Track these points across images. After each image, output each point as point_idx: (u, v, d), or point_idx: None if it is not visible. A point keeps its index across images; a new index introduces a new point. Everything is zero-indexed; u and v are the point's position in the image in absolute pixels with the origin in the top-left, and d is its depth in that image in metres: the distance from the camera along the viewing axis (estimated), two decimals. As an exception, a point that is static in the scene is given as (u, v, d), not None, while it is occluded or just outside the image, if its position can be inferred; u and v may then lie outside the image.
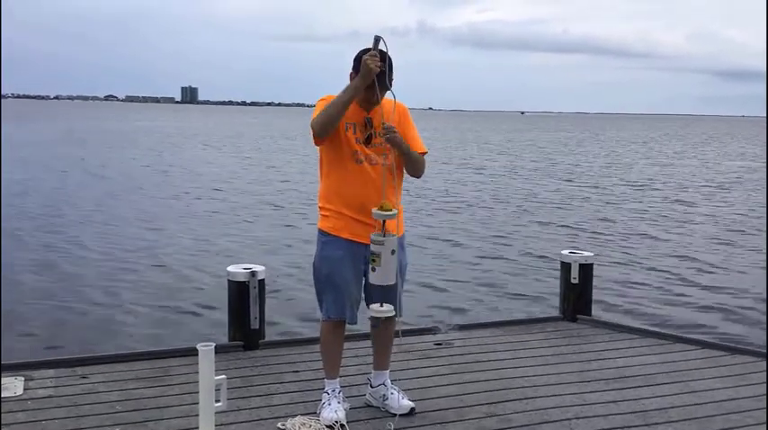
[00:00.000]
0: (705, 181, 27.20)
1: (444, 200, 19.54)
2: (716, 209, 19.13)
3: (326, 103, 3.62)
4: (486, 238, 14.10)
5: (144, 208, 17.18)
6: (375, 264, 3.54)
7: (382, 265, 3.53)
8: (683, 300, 9.68)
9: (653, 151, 49.51)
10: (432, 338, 5.33)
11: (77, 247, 12.36)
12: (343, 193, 3.74)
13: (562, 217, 17.09)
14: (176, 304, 9.02)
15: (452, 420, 3.87)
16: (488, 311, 8.87)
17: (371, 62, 3.42)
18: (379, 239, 3.52)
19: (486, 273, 11.11)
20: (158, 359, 4.77)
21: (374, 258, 3.54)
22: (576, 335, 5.53)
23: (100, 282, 10.01)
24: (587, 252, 5.99)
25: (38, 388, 4.22)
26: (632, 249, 13.14)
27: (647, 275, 11.09)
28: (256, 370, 4.61)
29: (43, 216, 15.50)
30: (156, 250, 12.27)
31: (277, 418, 3.82)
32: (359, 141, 3.69)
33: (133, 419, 3.82)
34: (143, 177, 23.97)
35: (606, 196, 21.65)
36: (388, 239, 3.52)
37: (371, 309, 3.68)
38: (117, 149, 36.95)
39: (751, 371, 4.74)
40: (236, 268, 4.99)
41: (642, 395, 4.29)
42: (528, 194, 21.73)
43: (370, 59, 3.43)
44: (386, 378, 4.03)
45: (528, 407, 4.08)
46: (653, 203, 20.07)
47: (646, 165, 34.68)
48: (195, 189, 21.25)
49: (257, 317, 4.95)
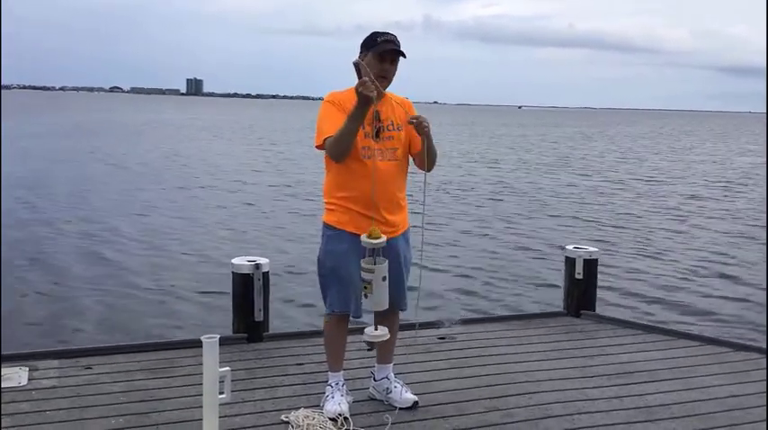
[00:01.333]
0: (715, 177, 27.17)
1: (452, 193, 19.57)
2: (724, 205, 19.10)
3: (334, 112, 3.62)
4: (491, 232, 14.10)
5: (153, 199, 17.23)
6: (367, 291, 3.50)
7: (374, 292, 3.50)
8: (686, 296, 9.69)
9: (662, 146, 49.44)
10: (435, 332, 5.32)
11: (83, 240, 12.39)
12: (349, 188, 3.72)
13: (568, 211, 17.10)
14: (181, 295, 9.04)
15: (455, 414, 3.88)
16: (492, 306, 8.88)
17: (365, 90, 3.39)
18: (369, 267, 3.48)
19: (490, 267, 11.12)
20: (162, 350, 4.78)
21: (365, 285, 3.50)
22: (580, 330, 5.52)
23: (104, 273, 10.04)
24: (592, 247, 5.98)
25: (42, 378, 4.23)
26: (637, 244, 13.13)
27: (651, 271, 11.08)
28: (260, 362, 4.62)
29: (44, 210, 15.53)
30: (162, 241, 12.30)
31: (281, 411, 3.83)
32: (368, 136, 3.67)
33: (137, 410, 3.83)
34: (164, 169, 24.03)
35: (613, 191, 21.63)
36: (378, 267, 3.49)
37: (366, 333, 3.61)
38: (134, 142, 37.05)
39: (754, 367, 4.73)
40: (241, 260, 5.00)
41: (645, 391, 4.29)
42: (535, 188, 21.73)
43: (363, 88, 3.39)
44: (389, 371, 4.03)
45: (530, 401, 4.08)
46: (659, 199, 20.05)
47: (656, 161, 34.63)
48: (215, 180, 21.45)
49: (261, 309, 4.95)
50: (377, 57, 3.59)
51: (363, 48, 3.65)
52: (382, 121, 3.71)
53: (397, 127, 3.75)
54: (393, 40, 3.62)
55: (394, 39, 3.63)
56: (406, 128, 3.75)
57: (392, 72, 3.66)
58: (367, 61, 3.58)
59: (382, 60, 3.60)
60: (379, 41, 3.60)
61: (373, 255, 3.51)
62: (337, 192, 3.77)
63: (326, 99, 3.74)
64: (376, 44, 3.60)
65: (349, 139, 3.56)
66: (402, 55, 3.63)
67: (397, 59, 3.65)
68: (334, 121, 3.59)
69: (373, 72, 3.51)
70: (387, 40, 3.61)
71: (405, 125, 3.75)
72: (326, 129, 3.62)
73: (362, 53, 3.64)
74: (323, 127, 3.64)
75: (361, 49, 3.65)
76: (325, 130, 3.62)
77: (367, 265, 3.49)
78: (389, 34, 3.64)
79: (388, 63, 3.62)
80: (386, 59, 3.61)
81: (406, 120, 3.74)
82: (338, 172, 3.74)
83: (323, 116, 3.68)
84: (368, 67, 3.52)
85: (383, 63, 3.60)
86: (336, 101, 3.68)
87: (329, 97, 3.73)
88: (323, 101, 3.76)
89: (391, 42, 3.61)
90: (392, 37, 3.63)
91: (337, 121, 3.58)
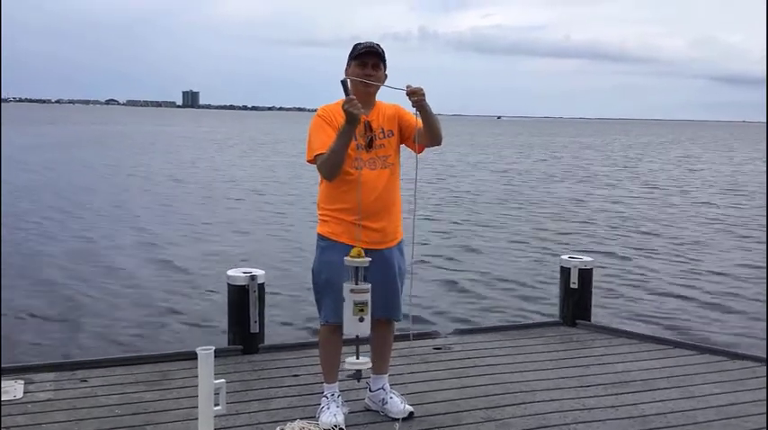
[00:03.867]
0: (713, 184, 27.24)
1: (447, 201, 19.62)
2: (721, 213, 19.13)
3: (324, 127, 3.68)
4: (486, 242, 14.11)
5: (150, 209, 17.24)
6: (363, 314, 3.49)
7: (369, 314, 3.50)
8: (682, 306, 9.68)
9: (660, 154, 49.60)
10: (431, 343, 5.33)
11: (78, 250, 12.37)
12: (342, 199, 3.75)
13: (564, 220, 17.11)
14: (176, 308, 9.03)
15: (451, 424, 3.87)
16: (488, 316, 8.88)
17: (353, 108, 3.45)
18: (363, 288, 3.48)
19: (485, 277, 11.12)
20: (158, 363, 4.77)
21: (362, 308, 3.49)
22: (576, 340, 5.53)
23: (100, 285, 10.02)
24: (587, 257, 6.00)
25: (38, 391, 4.22)
26: (633, 254, 13.14)
27: (647, 280, 11.09)
28: (255, 374, 4.61)
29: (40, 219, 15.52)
30: (158, 253, 12.28)
31: (276, 422, 3.82)
32: (360, 147, 3.70)
33: (132, 423, 3.82)
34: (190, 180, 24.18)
35: (610, 199, 21.68)
36: (368, 286, 3.51)
37: (348, 362, 3.59)
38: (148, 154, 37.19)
39: (750, 376, 4.74)
40: (236, 272, 5.00)
41: (641, 400, 4.29)
42: (533, 197, 21.77)
43: (350, 106, 3.45)
44: (385, 382, 4.03)
45: (527, 411, 4.08)
46: (655, 206, 20.09)
47: (652, 170, 34.71)
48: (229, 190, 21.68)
49: (257, 321, 4.95)
50: (358, 64, 3.69)
51: (348, 60, 3.75)
52: (374, 131, 3.74)
53: (388, 133, 3.80)
54: (371, 45, 3.71)
55: (372, 44, 3.72)
56: (396, 128, 3.81)
57: (378, 78, 3.70)
58: (351, 71, 3.69)
59: (364, 66, 3.68)
60: (359, 49, 3.70)
61: (357, 277, 3.50)
62: (330, 203, 3.80)
63: (317, 113, 3.80)
64: (356, 52, 3.70)
65: (339, 158, 3.61)
66: (381, 58, 3.70)
67: (379, 64, 3.71)
68: (324, 137, 3.66)
69: (358, 78, 3.64)
70: (364, 46, 3.70)
71: (395, 127, 3.81)
72: (317, 146, 3.67)
73: (348, 67, 3.75)
74: (313, 143, 3.70)
75: (347, 63, 3.75)
76: (316, 147, 3.68)
77: (360, 287, 3.48)
78: (369, 42, 3.73)
79: (369, 68, 3.68)
80: (367, 65, 3.68)
81: (396, 120, 3.80)
82: (331, 184, 3.76)
83: (313, 131, 3.74)
84: (353, 75, 3.66)
85: (365, 68, 3.68)
86: (326, 115, 3.74)
87: (320, 111, 3.80)
88: (314, 115, 3.80)
89: (369, 47, 3.69)
90: (371, 43, 3.72)
91: (326, 137, 3.65)
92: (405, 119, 3.83)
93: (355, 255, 3.49)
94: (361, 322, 3.50)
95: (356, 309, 3.48)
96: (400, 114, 3.84)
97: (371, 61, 3.69)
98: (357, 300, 3.48)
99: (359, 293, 3.48)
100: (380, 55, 3.71)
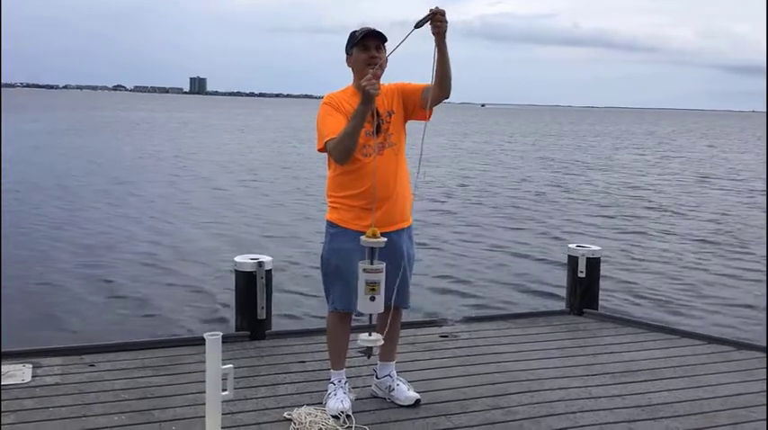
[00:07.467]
0: (722, 175, 27.10)
1: (455, 190, 19.57)
2: (732, 204, 19.04)
3: (333, 113, 3.65)
4: (494, 230, 14.09)
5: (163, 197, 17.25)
6: (374, 293, 3.51)
7: (381, 293, 3.52)
8: (690, 295, 9.66)
9: (671, 144, 49.36)
10: (438, 330, 5.33)
11: (84, 237, 12.40)
12: (351, 186, 3.73)
13: (572, 209, 17.06)
14: (184, 293, 9.05)
15: (457, 412, 3.88)
16: (495, 304, 8.87)
17: (371, 88, 3.42)
18: (377, 268, 3.50)
19: (493, 265, 11.11)
20: (165, 348, 4.79)
21: (373, 287, 3.50)
22: (583, 328, 5.52)
23: (109, 270, 10.05)
24: (594, 246, 5.98)
25: (45, 375, 4.24)
26: (640, 243, 13.11)
27: (654, 269, 11.07)
28: (263, 360, 4.62)
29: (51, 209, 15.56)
30: (166, 239, 12.31)
31: (283, 408, 3.83)
32: (368, 134, 3.68)
33: (139, 407, 3.83)
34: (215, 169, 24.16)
35: (620, 189, 21.60)
36: (383, 266, 3.53)
37: (360, 339, 3.60)
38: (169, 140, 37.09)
39: (757, 366, 4.72)
40: (244, 258, 5.00)
41: (648, 389, 4.29)
42: (543, 186, 21.69)
43: (368, 85, 3.42)
44: (392, 369, 4.03)
45: (533, 399, 4.08)
46: (665, 196, 20.02)
47: (661, 158, 34.56)
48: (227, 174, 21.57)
49: (264, 307, 4.96)
50: (361, 48, 3.66)
51: (347, 49, 3.72)
52: (381, 116, 3.72)
53: (390, 112, 3.78)
54: (369, 28, 3.67)
55: (370, 27, 3.67)
56: (397, 104, 3.78)
57: (383, 59, 3.65)
58: (354, 57, 3.68)
59: (366, 49, 3.65)
60: (358, 35, 3.67)
61: (372, 256, 3.52)
62: (340, 190, 3.78)
63: (323, 101, 3.77)
64: (356, 38, 3.67)
65: (353, 140, 3.56)
66: (383, 40, 3.67)
67: (381, 46, 3.67)
68: (333, 123, 3.63)
69: (364, 62, 3.61)
70: (363, 30, 3.67)
71: (396, 104, 3.77)
72: (327, 132, 3.64)
73: (348, 55, 3.72)
74: (322, 130, 3.67)
75: (347, 52, 3.72)
76: (326, 133, 3.65)
77: (374, 266, 3.50)
78: (365, 27, 3.68)
79: (373, 50, 3.65)
80: (369, 47, 3.65)
81: (396, 95, 3.77)
82: (340, 170, 3.75)
83: (321, 119, 3.71)
84: (356, 61, 3.65)
85: (369, 51, 3.65)
86: (333, 101, 3.72)
87: (326, 99, 3.77)
88: (321, 103, 3.78)
89: (368, 30, 3.66)
90: (368, 27, 3.68)
91: (335, 122, 3.62)
92: (407, 86, 3.79)
93: (371, 235, 3.49)
94: (372, 301, 3.52)
95: (368, 288, 3.50)
96: (401, 86, 3.81)
97: (374, 43, 3.66)
98: (369, 279, 3.50)
99: (371, 273, 3.49)
100: (382, 36, 3.66)
